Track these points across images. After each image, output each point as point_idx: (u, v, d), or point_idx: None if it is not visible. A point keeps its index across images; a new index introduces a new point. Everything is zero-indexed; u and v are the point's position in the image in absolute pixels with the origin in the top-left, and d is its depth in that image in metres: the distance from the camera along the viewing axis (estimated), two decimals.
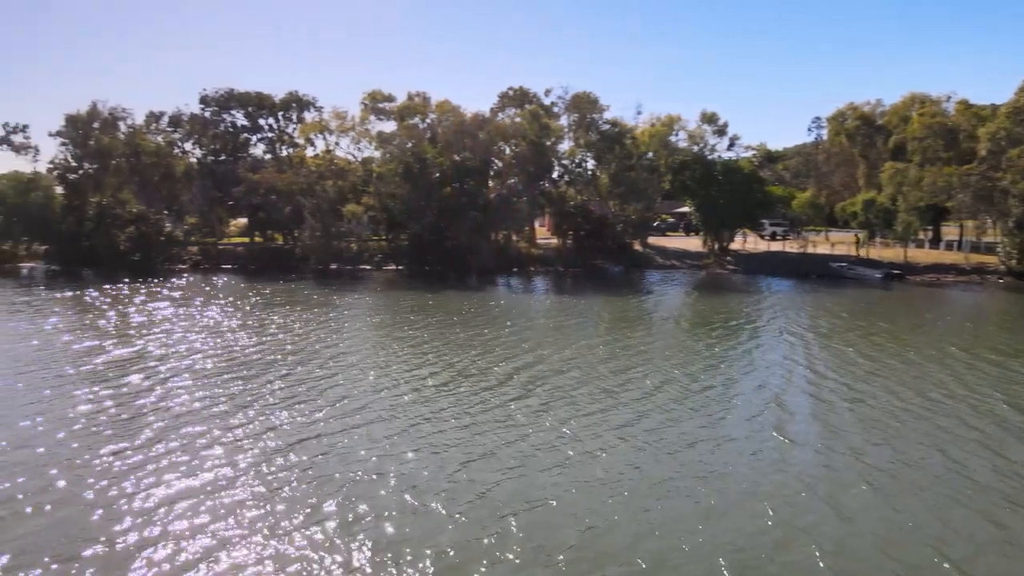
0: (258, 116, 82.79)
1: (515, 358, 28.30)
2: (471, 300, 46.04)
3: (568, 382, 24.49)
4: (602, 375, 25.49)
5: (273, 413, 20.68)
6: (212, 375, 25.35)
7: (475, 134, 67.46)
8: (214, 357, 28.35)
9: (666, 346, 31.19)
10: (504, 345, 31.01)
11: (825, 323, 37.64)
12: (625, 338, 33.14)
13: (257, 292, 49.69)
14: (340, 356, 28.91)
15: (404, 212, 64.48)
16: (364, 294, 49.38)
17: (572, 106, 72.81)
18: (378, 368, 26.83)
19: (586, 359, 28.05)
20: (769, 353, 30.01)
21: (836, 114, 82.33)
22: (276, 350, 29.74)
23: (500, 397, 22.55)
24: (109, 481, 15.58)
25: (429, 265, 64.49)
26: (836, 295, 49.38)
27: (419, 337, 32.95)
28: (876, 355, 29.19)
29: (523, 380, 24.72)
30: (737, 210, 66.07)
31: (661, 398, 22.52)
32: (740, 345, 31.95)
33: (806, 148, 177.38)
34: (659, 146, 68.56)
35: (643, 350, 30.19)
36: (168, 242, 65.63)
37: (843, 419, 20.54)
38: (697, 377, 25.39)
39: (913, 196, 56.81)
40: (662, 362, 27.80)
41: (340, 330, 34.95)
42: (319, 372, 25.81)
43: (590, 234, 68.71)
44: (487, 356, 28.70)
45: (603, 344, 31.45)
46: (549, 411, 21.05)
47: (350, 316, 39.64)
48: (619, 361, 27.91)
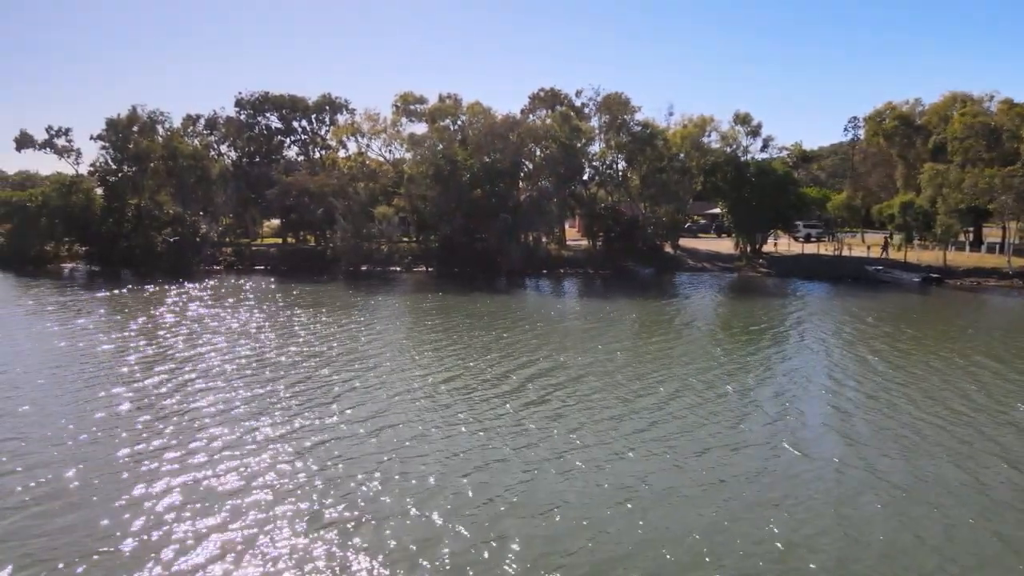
0: (292, 119, 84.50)
1: (534, 364, 28.38)
2: (497, 303, 46.21)
3: (584, 389, 24.49)
4: (619, 382, 25.41)
5: (291, 416, 21.13)
6: (233, 377, 25.96)
7: (505, 136, 67.65)
8: (237, 359, 28.98)
9: (687, 352, 30.91)
10: (525, 350, 31.10)
11: (853, 329, 36.94)
12: (647, 344, 32.97)
13: (287, 294, 50.56)
14: (361, 360, 29.29)
15: (434, 214, 64.98)
16: (391, 296, 49.92)
17: (603, 107, 72.54)
18: (397, 373, 27.12)
19: (605, 366, 27.97)
20: (790, 360, 29.60)
21: (874, 114, 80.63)
22: (299, 353, 30.26)
23: (514, 403, 22.67)
24: (124, 483, 16.12)
25: (458, 267, 64.86)
26: (869, 299, 48.39)
27: (440, 341, 33.23)
28: (902, 363, 28.62)
29: (540, 387, 24.79)
30: (770, 212, 65.10)
31: (676, 406, 22.39)
32: (762, 351, 31.58)
33: (842, 147, 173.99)
34: (691, 147, 67.86)
35: (663, 357, 30.01)
36: (203, 243, 67.04)
37: (859, 430, 20.20)
38: (714, 384, 25.16)
39: (953, 198, 55.33)
40: (680, 368, 27.60)
41: (363, 333, 35.40)
42: (339, 376, 26.19)
43: (620, 236, 68.39)
44: (506, 361, 28.81)
45: (624, 350, 31.31)
46: (562, 418, 21.13)
47: (375, 319, 40.11)
48: (638, 368, 27.80)
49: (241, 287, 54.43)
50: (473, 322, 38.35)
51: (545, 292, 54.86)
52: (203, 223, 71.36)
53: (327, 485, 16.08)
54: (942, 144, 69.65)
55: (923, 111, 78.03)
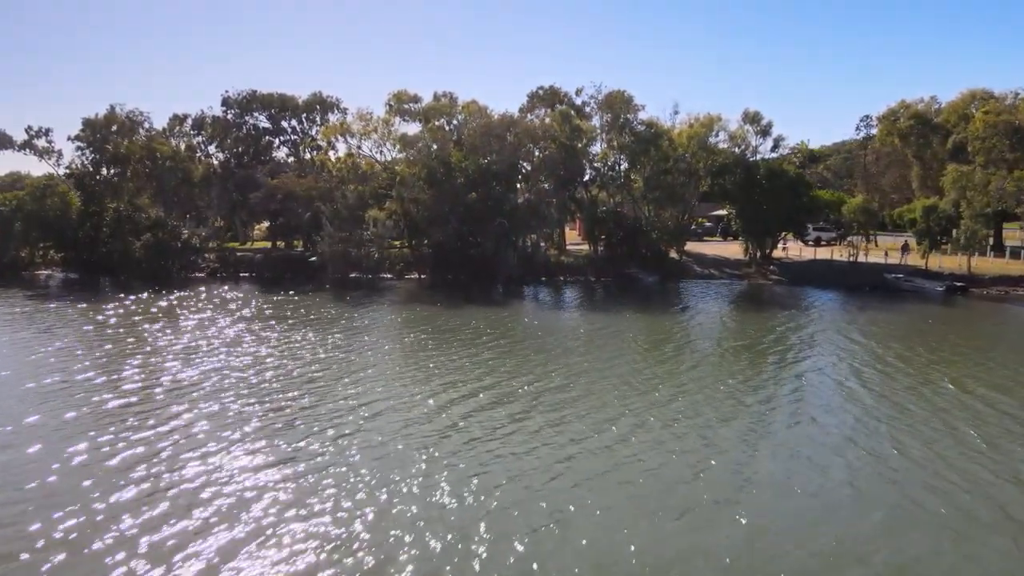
0: (281, 118, 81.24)
1: (523, 394, 24.99)
2: (489, 317, 42.71)
3: (580, 427, 21.12)
4: (616, 415, 22.05)
5: (265, 441, 17.96)
6: (203, 399, 23.09)
7: (502, 136, 64.31)
8: (207, 380, 25.84)
9: (691, 381, 27.22)
10: (515, 376, 27.70)
11: (878, 351, 33.27)
12: (647, 367, 29.46)
13: (265, 305, 47.16)
14: (339, 382, 25.99)
15: (427, 218, 61.59)
16: (376, 308, 46.39)
17: (605, 106, 69.15)
18: (373, 398, 23.74)
19: (601, 398, 24.58)
20: (809, 395, 25.89)
21: (888, 112, 77.38)
22: (273, 373, 26.93)
23: (501, 439, 19.33)
24: (95, 520, 13.34)
25: (452, 274, 61.58)
26: (892, 312, 44.94)
27: (424, 364, 29.79)
28: (942, 403, 25.16)
29: (534, 422, 21.42)
30: (781, 215, 61.74)
31: (666, 436, 19.07)
32: (775, 382, 27.94)
33: (846, 146, 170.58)
34: (697, 148, 64.43)
35: (661, 381, 26.66)
36: (185, 249, 63.65)
37: (864, 473, 17.06)
38: (724, 422, 21.77)
39: (979, 201, 51.92)
40: (684, 400, 24.20)
41: (344, 351, 31.97)
42: (308, 403, 22.82)
43: (623, 241, 65.03)
44: (491, 389, 25.40)
45: (624, 378, 27.77)
46: (546, 448, 17.95)
47: (358, 334, 36.65)
48: (637, 400, 24.37)
49: (218, 297, 50.95)
50: (460, 340, 34.88)
51: (543, 303, 51.43)
52: (188, 227, 68.07)
53: (304, 510, 14.31)
54: (962, 144, 66.37)
55: (939, 109, 74.80)
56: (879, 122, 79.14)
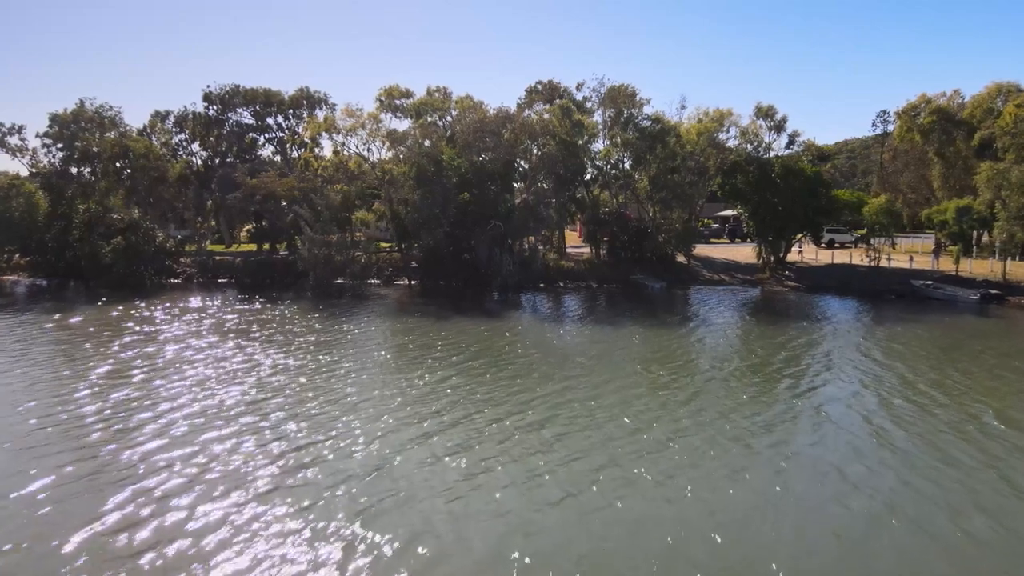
0: (266, 115, 77.17)
1: (486, 429, 20.82)
2: (478, 329, 38.41)
3: (540, 473, 17.23)
4: (588, 461, 17.91)
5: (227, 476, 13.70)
6: (148, 428, 19.15)
7: (498, 132, 60.08)
8: (154, 403, 21.98)
9: (688, 416, 22.85)
10: (486, 404, 23.52)
11: (903, 370, 29.04)
12: (642, 398, 24.93)
13: (240, 315, 43.03)
14: (298, 408, 21.84)
15: (416, 220, 57.41)
16: (358, 319, 42.12)
17: (608, 100, 65.07)
18: (319, 435, 19.56)
19: (580, 437, 20.42)
20: (819, 427, 21.60)
21: (908, 107, 73.04)
22: (221, 400, 22.78)
23: (434, 491, 15.23)
24: None
25: (444, 280, 57.52)
26: (922, 324, 40.54)
27: (404, 389, 25.59)
28: (982, 439, 20.91)
29: (475, 471, 17.30)
30: (798, 216, 57.46)
31: (658, 499, 14.85)
32: (782, 412, 23.40)
33: (848, 145, 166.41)
34: (707, 144, 60.18)
35: (657, 418, 22.30)
36: (159, 253, 59.53)
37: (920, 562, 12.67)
38: (712, 470, 17.57)
39: (1016, 201, 47.60)
40: (675, 436, 19.97)
41: (307, 372, 27.76)
42: (272, 429, 18.67)
43: (627, 245, 60.90)
44: (448, 430, 21.19)
45: (611, 408, 23.49)
46: (500, 522, 13.74)
47: (325, 351, 32.39)
48: (622, 438, 20.21)
49: (188, 306, 46.69)
50: (437, 360, 30.60)
51: (539, 313, 47.18)
52: (166, 230, 64.02)
53: None
54: (989, 140, 62.04)
55: (963, 104, 70.48)
56: (898, 117, 74.85)
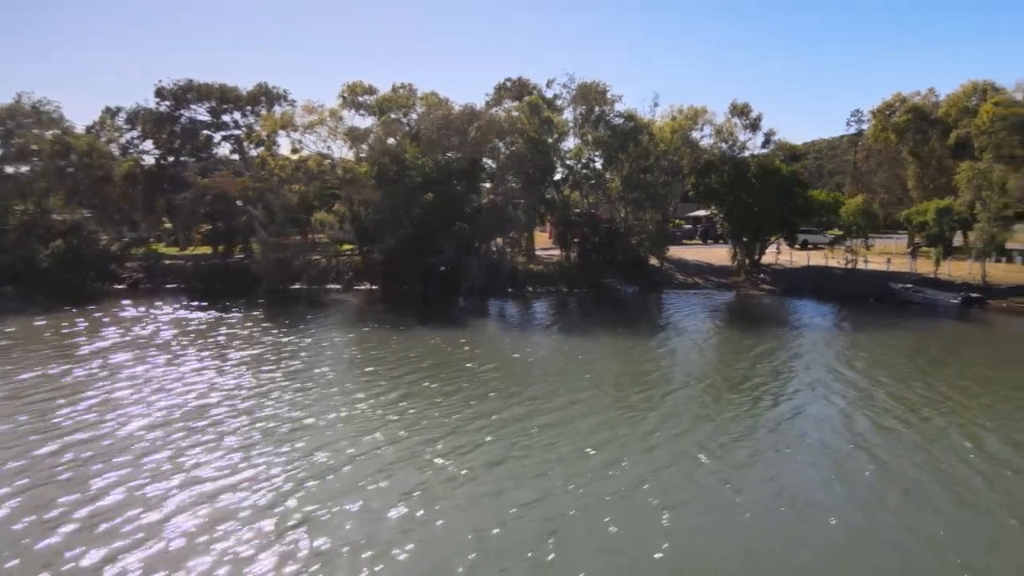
0: (222, 111, 73.47)
1: (429, 466, 18.39)
2: (437, 340, 35.64)
3: (511, 501, 14.74)
4: (541, 510, 15.48)
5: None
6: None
7: (464, 130, 57.44)
8: (57, 436, 19.07)
9: (654, 446, 20.53)
10: (429, 431, 21.04)
11: (890, 385, 27.08)
12: (605, 422, 22.61)
13: (184, 324, 39.93)
14: (223, 440, 19.13)
15: (378, 222, 54.55)
16: (310, 330, 39.09)
17: (579, 98, 62.58)
18: (245, 476, 16.86)
19: (530, 473, 18.12)
20: (795, 462, 19.54)
21: (883, 106, 71.71)
22: (150, 421, 19.92)
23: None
24: None
25: (408, 285, 54.72)
26: (902, 331, 38.82)
27: (322, 410, 22.88)
28: (994, 477, 18.93)
29: (412, 524, 14.76)
30: (774, 217, 55.67)
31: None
32: (754, 444, 21.28)
33: (815, 146, 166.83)
34: (681, 143, 58.14)
35: (620, 448, 20.02)
36: (103, 257, 55.85)
37: None
38: (683, 516, 15.26)
39: (996, 202, 46.21)
40: (646, 478, 17.68)
41: (243, 393, 24.91)
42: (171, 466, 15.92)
43: (599, 247, 58.52)
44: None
45: (570, 436, 21.18)
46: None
47: (272, 369, 29.53)
48: (581, 476, 17.94)
49: (123, 317, 43.35)
50: (387, 377, 27.97)
51: (508, 321, 44.71)
52: (108, 232, 60.36)
53: None
54: (965, 140, 60.87)
55: (938, 103, 69.33)
56: (873, 116, 73.56)
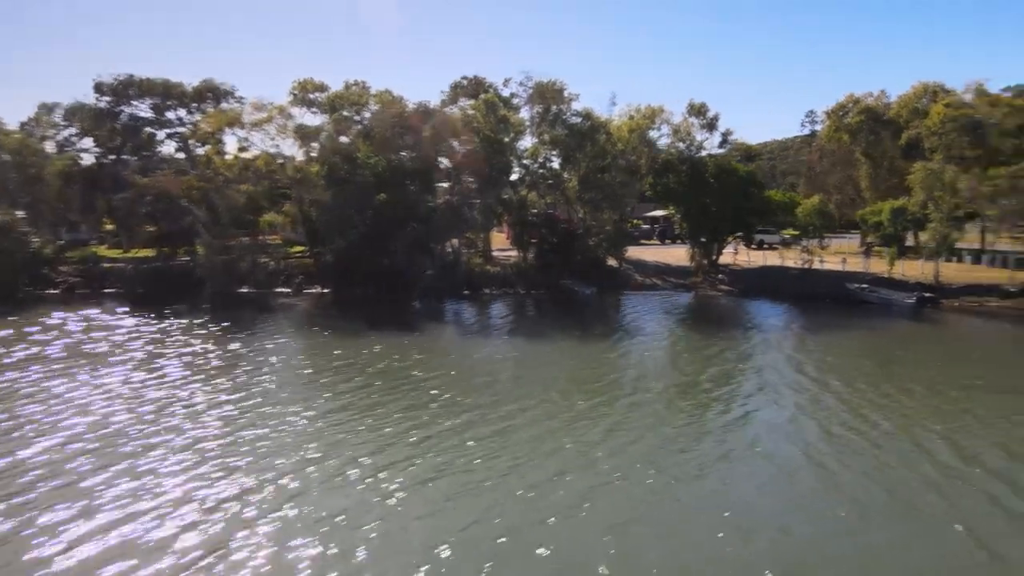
0: (166, 108, 70.70)
1: (389, 469, 17.17)
2: (389, 347, 34.18)
3: (446, 525, 13.43)
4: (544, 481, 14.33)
5: None
6: None
7: (418, 128, 55.91)
8: None
9: (600, 459, 19.66)
10: (386, 442, 19.78)
11: (844, 391, 26.55)
12: (551, 434, 21.51)
13: (118, 332, 37.72)
14: (137, 458, 17.50)
15: (328, 223, 52.71)
16: (255, 337, 37.24)
17: (535, 97, 61.55)
18: (156, 497, 15.31)
19: (489, 483, 17.03)
20: (748, 475, 18.79)
21: (836, 107, 72.47)
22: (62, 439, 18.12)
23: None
24: None
25: (361, 288, 52.97)
26: (858, 331, 38.64)
27: (275, 431, 21.36)
28: (952, 483, 18.38)
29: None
30: (731, 218, 55.43)
31: None
32: (707, 456, 20.56)
33: (768, 147, 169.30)
34: (639, 142, 57.56)
35: (566, 462, 19.04)
36: (34, 261, 52.91)
37: None
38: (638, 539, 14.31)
39: (948, 202, 46.54)
40: (587, 493, 16.69)
41: (167, 410, 23.17)
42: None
43: (556, 248, 57.59)
44: (344, 472, 17.34)
45: (513, 450, 20.14)
46: None
47: (205, 380, 27.78)
48: (535, 481, 17.00)
49: (49, 324, 40.87)
50: (342, 387, 26.57)
51: (462, 325, 43.46)
52: (42, 234, 57.32)
53: None
54: (916, 140, 61.64)
55: (889, 104, 70.25)
56: (827, 117, 74.25)
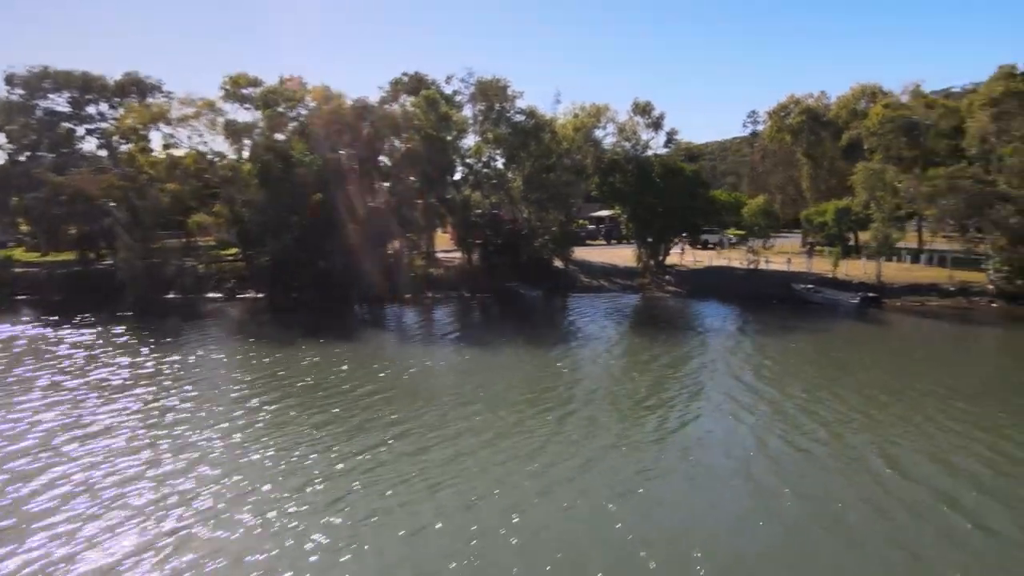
0: (86, 102, 66.68)
1: (294, 496, 15.40)
2: (323, 357, 32.12)
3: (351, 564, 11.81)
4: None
5: None
6: None
7: (356, 125, 53.70)
8: None
9: (531, 476, 18.60)
10: (295, 464, 18.04)
11: (799, 396, 26.03)
12: (491, 442, 20.45)
13: (15, 344, 34.58)
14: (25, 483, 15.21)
15: (261, 224, 50.04)
16: (176, 347, 34.60)
17: (478, 94, 59.95)
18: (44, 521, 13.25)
19: (405, 510, 15.44)
20: (691, 482, 17.91)
21: (778, 108, 72.92)
22: None
23: None
24: None
25: (298, 292, 50.52)
26: (805, 333, 38.20)
27: (176, 455, 19.30)
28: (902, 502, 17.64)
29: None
30: (678, 218, 54.87)
31: None
32: (649, 476, 19.67)
33: (708, 147, 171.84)
34: (584, 141, 56.54)
35: (501, 470, 17.94)
36: None
37: None
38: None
39: (889, 202, 46.80)
40: (510, 516, 15.34)
41: (68, 431, 20.77)
42: None
43: (501, 249, 56.16)
44: (244, 497, 15.51)
45: (448, 462, 18.88)
46: None
47: (113, 395, 25.33)
48: (454, 508, 15.49)
49: None
50: (274, 400, 24.55)
51: (405, 331, 41.53)
52: None
53: None
54: (856, 141, 62.30)
55: (829, 105, 71.02)
56: (769, 117, 74.71)
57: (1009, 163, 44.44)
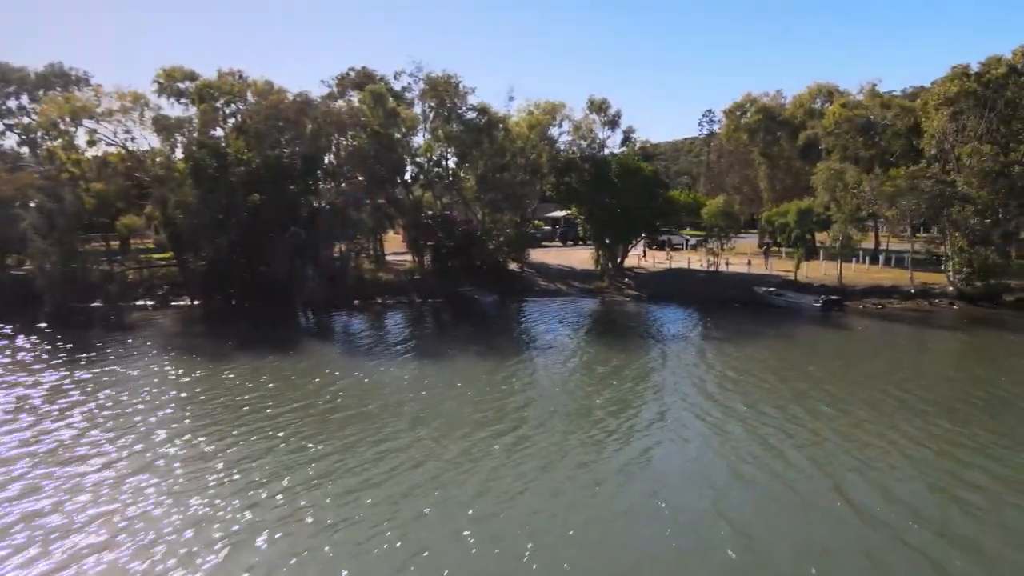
0: (6, 95, 62.19)
1: (211, 526, 12.82)
2: (249, 371, 29.30)
3: None
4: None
5: None
6: None
7: (299, 122, 50.62)
8: None
9: (476, 492, 16.54)
10: (221, 493, 15.46)
11: (767, 410, 24.37)
12: (436, 474, 18.28)
13: None
14: None
15: (195, 226, 46.70)
16: (97, 363, 31.28)
17: (428, 91, 57.35)
18: None
19: (342, 534, 13.03)
20: (652, 511, 16.02)
21: (734, 106, 72.08)
22: None
23: None
24: None
25: (237, 299, 47.48)
26: (768, 339, 36.71)
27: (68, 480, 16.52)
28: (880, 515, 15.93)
29: None
30: (637, 219, 53.17)
31: None
32: (615, 490, 17.74)
33: (660, 148, 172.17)
34: (539, 139, 54.47)
35: (443, 497, 15.64)
36: None
37: None
38: None
39: (850, 203, 45.79)
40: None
41: None
42: None
43: (454, 252, 53.75)
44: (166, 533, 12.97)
45: (387, 483, 16.65)
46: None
47: (17, 425, 22.24)
48: (391, 540, 13.10)
49: None
50: (177, 424, 21.78)
51: (350, 341, 38.78)
52: None
53: None
54: (813, 141, 61.61)
55: (785, 104, 70.37)
56: (725, 116, 73.79)
57: (967, 163, 43.78)
